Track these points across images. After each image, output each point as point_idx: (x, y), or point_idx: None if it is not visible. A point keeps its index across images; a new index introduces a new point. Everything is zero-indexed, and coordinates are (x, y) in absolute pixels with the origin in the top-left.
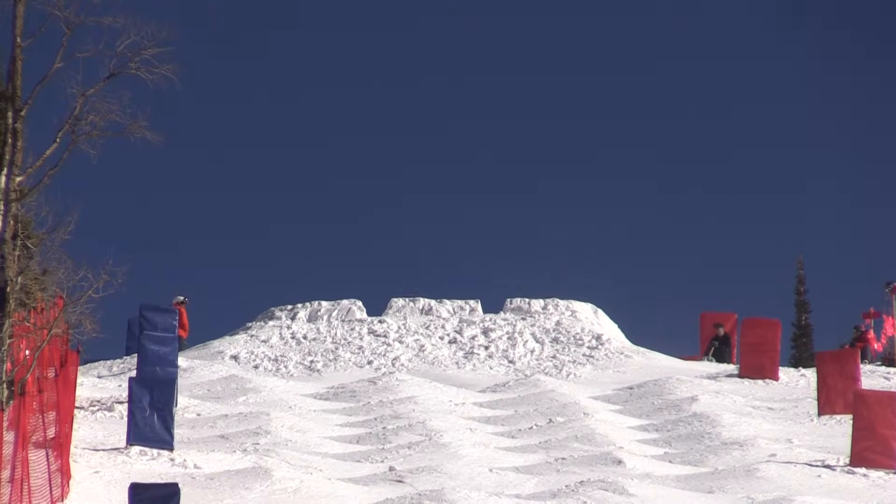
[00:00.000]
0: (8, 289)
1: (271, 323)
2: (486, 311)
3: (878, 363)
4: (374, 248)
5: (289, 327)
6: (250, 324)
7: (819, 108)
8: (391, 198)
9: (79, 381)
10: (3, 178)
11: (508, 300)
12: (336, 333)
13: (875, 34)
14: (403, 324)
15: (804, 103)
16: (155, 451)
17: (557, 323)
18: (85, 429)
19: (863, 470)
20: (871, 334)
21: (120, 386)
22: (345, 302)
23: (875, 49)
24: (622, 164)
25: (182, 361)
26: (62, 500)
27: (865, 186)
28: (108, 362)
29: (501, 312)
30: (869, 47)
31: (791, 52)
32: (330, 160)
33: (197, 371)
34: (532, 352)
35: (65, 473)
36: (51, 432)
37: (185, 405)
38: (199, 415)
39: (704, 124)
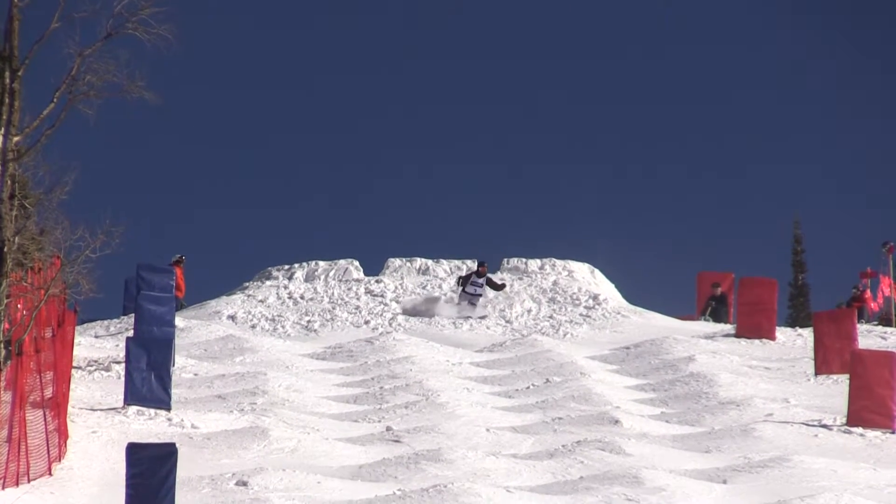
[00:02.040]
0: (5, 249)
1: (268, 283)
2: None
3: (875, 323)
4: (372, 208)
5: (286, 287)
6: (247, 284)
7: (817, 66)
8: (389, 160)
9: (76, 340)
10: (1, 138)
11: (505, 260)
12: (333, 293)
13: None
14: (400, 283)
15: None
16: (152, 411)
17: (554, 283)
18: (82, 389)
19: (859, 429)
20: (868, 294)
21: (117, 346)
22: (342, 262)
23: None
24: (621, 127)
25: (179, 321)
26: (59, 460)
27: (862, 147)
28: (106, 322)
29: (498, 272)
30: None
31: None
32: (330, 122)
33: (194, 331)
34: (529, 311)
35: (62, 433)
36: (48, 392)
37: (182, 365)
38: (196, 375)
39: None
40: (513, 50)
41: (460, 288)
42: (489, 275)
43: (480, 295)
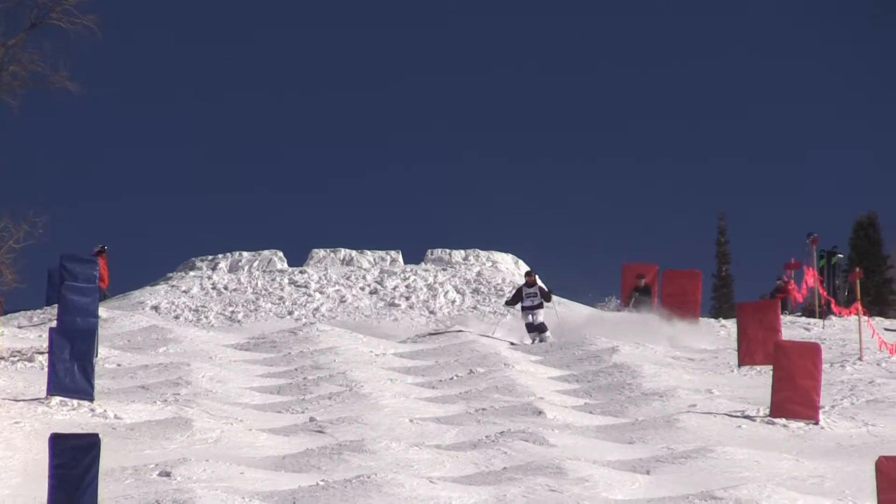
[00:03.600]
0: None
1: (192, 273)
2: (406, 261)
3: (799, 314)
4: (296, 199)
5: (209, 277)
6: (171, 274)
7: (741, 51)
8: (314, 152)
9: None
10: None
11: (429, 251)
12: (257, 284)
13: None
14: (324, 274)
15: (723, 59)
16: (75, 402)
17: (478, 274)
18: (5, 379)
19: (783, 421)
20: (792, 285)
21: (40, 336)
22: (266, 252)
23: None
24: (543, 119)
25: (102, 312)
26: None
27: (785, 138)
28: (29, 312)
29: (422, 263)
30: None
31: None
32: (257, 114)
33: (117, 321)
34: (453, 302)
35: None
36: None
37: (106, 356)
38: (119, 365)
39: (625, 79)
40: (435, 41)
41: (510, 308)
42: (540, 284)
43: (540, 305)
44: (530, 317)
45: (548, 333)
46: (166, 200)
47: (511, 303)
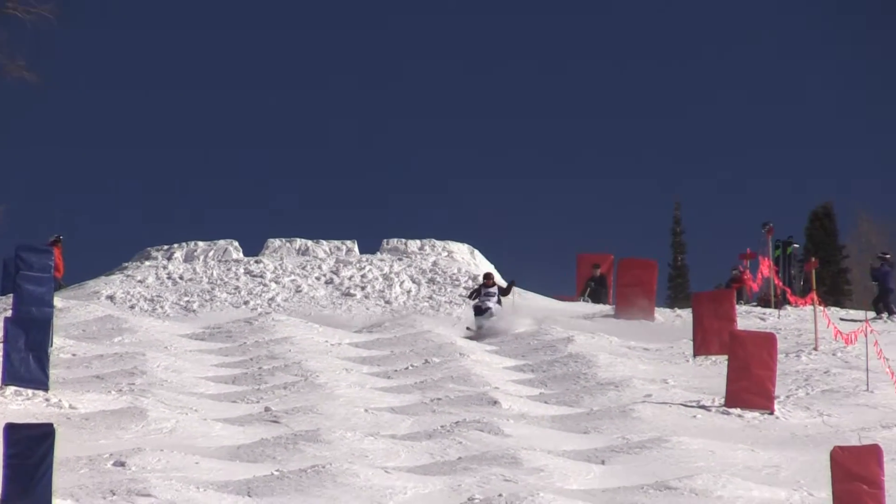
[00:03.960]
0: None
1: (147, 263)
2: (362, 251)
3: (754, 304)
4: (251, 189)
5: (165, 267)
6: (126, 264)
7: (700, 39)
8: (268, 141)
9: None
10: None
11: (385, 241)
12: (212, 273)
13: None
14: (280, 264)
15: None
16: (30, 392)
17: (434, 263)
18: None
19: (738, 410)
20: (748, 275)
21: None
22: (221, 242)
23: None
24: (499, 109)
25: (57, 301)
26: None
27: (742, 128)
28: None
29: (378, 253)
30: None
31: None
32: (198, 103)
33: (72, 311)
34: (408, 292)
35: None
36: None
37: (61, 345)
38: (74, 355)
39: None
40: (388, 33)
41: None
42: (499, 283)
43: (489, 308)
44: (479, 304)
45: (493, 312)
46: (122, 190)
47: (472, 297)
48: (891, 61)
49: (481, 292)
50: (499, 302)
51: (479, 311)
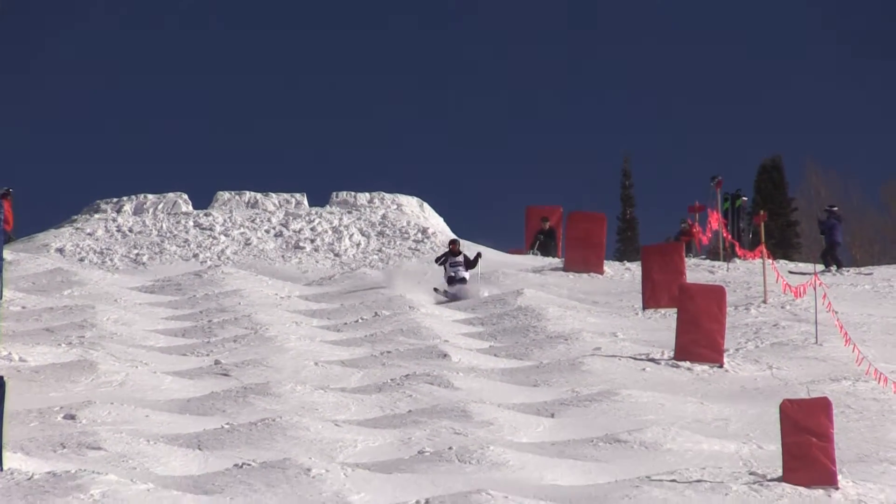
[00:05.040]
0: None
1: (97, 216)
2: (312, 204)
3: (703, 257)
4: (201, 140)
5: (114, 220)
6: (76, 217)
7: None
8: (216, 91)
9: None
10: None
11: (334, 194)
12: (162, 226)
13: None
14: (229, 217)
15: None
16: None
17: (383, 216)
18: None
19: (687, 364)
20: (697, 228)
21: None
22: (170, 195)
23: None
24: (447, 58)
25: (7, 254)
26: None
27: (692, 83)
28: None
29: (327, 206)
30: None
31: None
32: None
33: (22, 264)
34: (358, 245)
35: None
36: None
37: (10, 298)
38: (24, 308)
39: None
40: None
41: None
42: (465, 252)
43: (464, 277)
44: (452, 274)
45: (468, 286)
46: (70, 142)
47: (439, 263)
48: (834, 6)
49: (448, 259)
50: (466, 269)
51: (453, 281)
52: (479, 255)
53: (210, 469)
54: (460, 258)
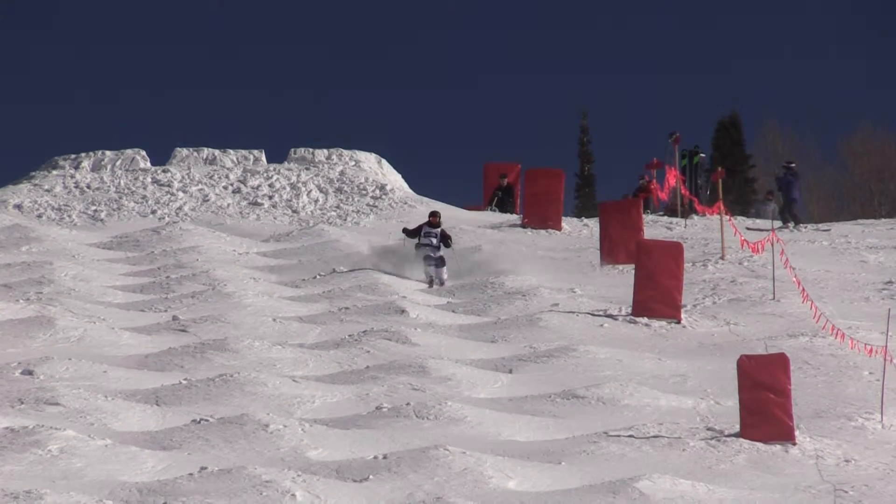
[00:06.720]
0: None
1: (55, 172)
2: (270, 161)
3: (661, 213)
4: (158, 96)
5: (72, 176)
6: (33, 173)
7: None
8: (175, 48)
9: None
10: None
11: (292, 150)
12: (120, 183)
13: None
14: (187, 173)
15: None
16: None
17: (341, 173)
18: None
19: (645, 320)
20: (655, 184)
21: None
22: (128, 151)
23: None
24: (404, 15)
25: None
26: None
27: (650, 38)
28: None
29: (285, 162)
30: None
31: None
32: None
33: None
34: (316, 202)
35: None
36: None
37: None
38: None
39: None
40: None
41: (413, 240)
42: (442, 228)
43: (437, 248)
44: (429, 252)
45: (444, 270)
46: (28, 97)
47: (409, 234)
48: None
49: (422, 231)
50: (440, 244)
51: (420, 247)
52: (450, 238)
53: (168, 425)
54: (437, 230)
